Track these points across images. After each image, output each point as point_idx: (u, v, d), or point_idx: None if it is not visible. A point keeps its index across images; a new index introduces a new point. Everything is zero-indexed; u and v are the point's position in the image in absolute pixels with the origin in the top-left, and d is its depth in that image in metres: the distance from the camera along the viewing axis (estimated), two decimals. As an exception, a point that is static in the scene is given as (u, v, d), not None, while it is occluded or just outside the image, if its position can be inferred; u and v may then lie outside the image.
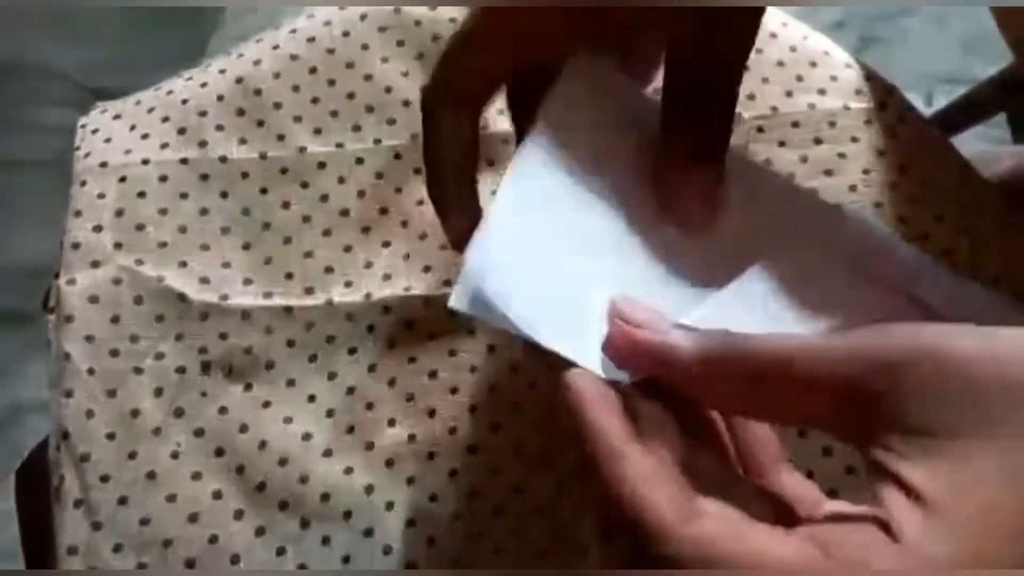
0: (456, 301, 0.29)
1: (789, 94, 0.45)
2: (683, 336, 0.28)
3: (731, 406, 0.29)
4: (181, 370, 0.40)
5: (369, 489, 0.39)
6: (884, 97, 0.46)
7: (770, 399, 0.27)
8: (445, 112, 0.34)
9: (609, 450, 0.26)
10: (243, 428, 0.40)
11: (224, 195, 0.43)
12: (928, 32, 1.31)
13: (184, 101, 0.46)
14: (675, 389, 0.28)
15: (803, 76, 0.46)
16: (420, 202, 0.44)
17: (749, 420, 0.32)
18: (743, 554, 0.24)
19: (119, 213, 0.43)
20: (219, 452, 0.39)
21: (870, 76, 0.47)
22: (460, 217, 0.35)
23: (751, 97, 0.45)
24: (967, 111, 0.92)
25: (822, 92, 0.46)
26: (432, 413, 0.40)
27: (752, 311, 0.32)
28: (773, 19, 0.48)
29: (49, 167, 1.16)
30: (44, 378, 0.40)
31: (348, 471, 0.39)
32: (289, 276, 0.42)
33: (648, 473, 0.26)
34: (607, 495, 0.26)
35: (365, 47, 0.47)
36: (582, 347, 0.29)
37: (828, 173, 0.44)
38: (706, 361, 0.27)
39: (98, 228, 0.42)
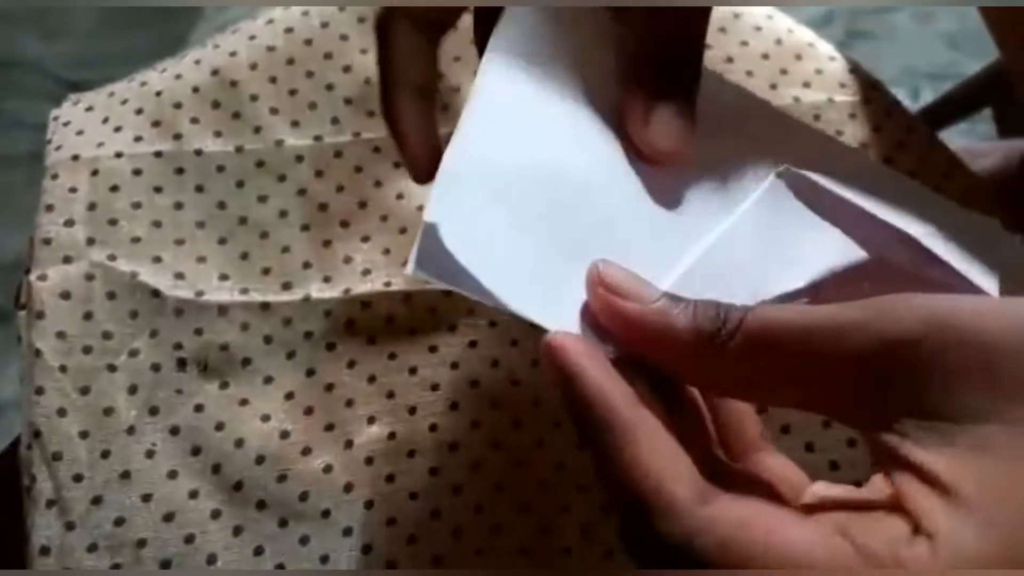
0: (416, 264, 0.26)
1: (774, 87, 0.45)
2: (675, 308, 0.25)
3: (722, 386, 0.27)
4: (156, 367, 0.40)
5: (348, 487, 0.38)
6: (869, 91, 0.46)
7: (769, 378, 0.25)
8: (400, 29, 0.33)
9: (615, 415, 0.24)
10: (219, 426, 0.39)
11: (199, 189, 0.43)
12: (914, 27, 1.32)
13: (158, 93, 0.45)
14: (656, 365, 0.26)
15: (787, 69, 0.46)
16: (400, 196, 0.44)
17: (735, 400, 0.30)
18: (773, 544, 0.22)
19: (92, 207, 0.42)
20: (195, 451, 0.39)
21: (855, 70, 0.47)
22: (419, 142, 0.33)
23: (735, 89, 0.45)
24: (953, 106, 0.93)
25: (807, 85, 0.46)
26: (413, 410, 0.40)
27: (736, 269, 0.30)
28: (758, 12, 0.48)
29: (27, 162, 1.15)
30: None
31: (327, 469, 0.39)
32: (266, 271, 0.42)
33: (663, 444, 0.24)
34: (608, 467, 0.24)
35: (344, 38, 0.46)
36: (560, 316, 0.27)
37: (813, 166, 0.44)
38: (701, 336, 0.25)
39: (70, 223, 0.41)
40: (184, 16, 1.29)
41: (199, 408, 0.39)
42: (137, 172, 0.43)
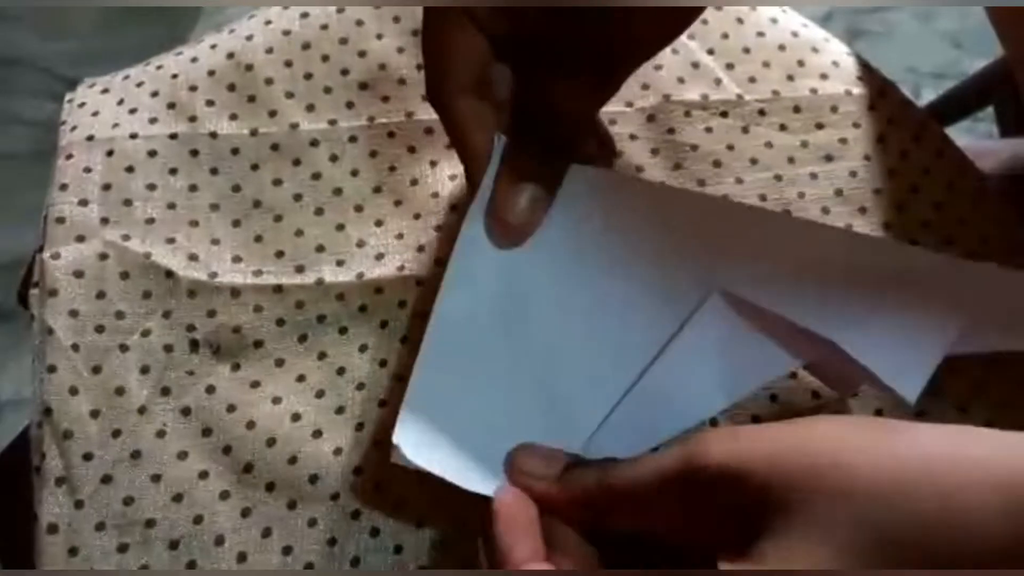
0: (398, 458, 0.33)
1: (791, 78, 0.44)
2: (557, 487, 0.32)
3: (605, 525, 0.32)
4: (168, 348, 0.38)
5: (357, 470, 0.37)
6: (882, 86, 0.45)
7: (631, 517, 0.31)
8: (445, 21, 0.33)
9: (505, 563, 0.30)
10: (231, 408, 0.38)
11: (214, 171, 0.42)
12: (915, 27, 1.30)
13: (174, 76, 0.43)
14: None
15: (804, 61, 0.44)
16: (414, 181, 0.42)
17: None
18: None
19: (106, 187, 0.40)
20: (206, 432, 0.37)
21: (866, 66, 0.45)
22: (475, 138, 0.34)
23: (752, 80, 0.43)
24: (955, 105, 0.91)
25: (824, 77, 0.44)
26: (423, 395, 0.38)
27: (668, 397, 0.35)
28: (772, 6, 0.47)
29: (27, 160, 1.12)
30: (23, 375, 0.38)
31: (337, 452, 0.37)
32: (280, 254, 0.40)
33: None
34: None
35: (359, 23, 0.45)
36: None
37: (828, 158, 0.42)
38: (578, 504, 0.31)
39: (84, 202, 0.40)
40: (184, 14, 1.27)
41: (210, 390, 0.38)
42: (152, 154, 0.41)
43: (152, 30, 1.23)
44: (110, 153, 0.41)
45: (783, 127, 0.43)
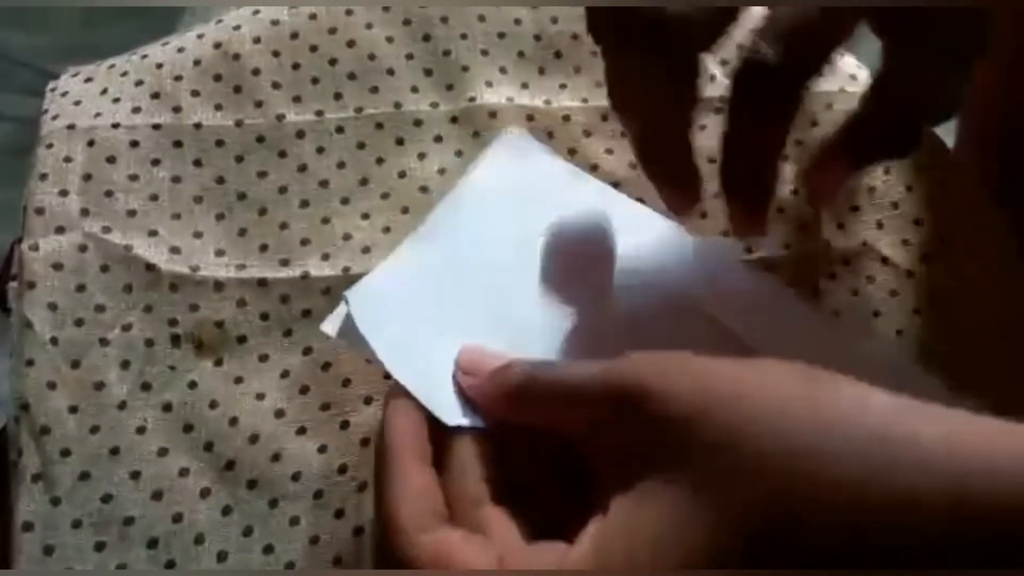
0: (328, 326, 0.35)
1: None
2: (489, 381, 0.32)
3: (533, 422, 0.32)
4: (149, 342, 0.37)
5: (342, 469, 0.36)
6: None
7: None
8: (630, 46, 0.32)
9: (391, 461, 0.30)
10: (213, 404, 0.36)
11: (198, 163, 0.40)
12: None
13: (159, 65, 0.42)
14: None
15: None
16: (402, 174, 0.41)
17: None
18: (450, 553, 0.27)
19: (87, 178, 0.39)
20: (187, 428, 0.36)
21: (858, 65, 0.45)
22: (676, 179, 0.35)
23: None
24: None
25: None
26: (409, 391, 0.37)
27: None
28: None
29: (6, 156, 1.07)
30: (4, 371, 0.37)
31: (321, 449, 0.36)
32: (264, 248, 0.39)
33: (410, 491, 0.29)
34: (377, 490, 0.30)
35: (349, 12, 0.43)
36: (432, 393, 0.32)
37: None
38: (504, 396, 0.31)
39: (64, 193, 0.38)
40: (168, 10, 1.23)
41: (192, 385, 0.36)
42: (135, 144, 0.40)
43: (136, 24, 1.18)
44: (91, 143, 0.40)
45: (777, 123, 0.42)
